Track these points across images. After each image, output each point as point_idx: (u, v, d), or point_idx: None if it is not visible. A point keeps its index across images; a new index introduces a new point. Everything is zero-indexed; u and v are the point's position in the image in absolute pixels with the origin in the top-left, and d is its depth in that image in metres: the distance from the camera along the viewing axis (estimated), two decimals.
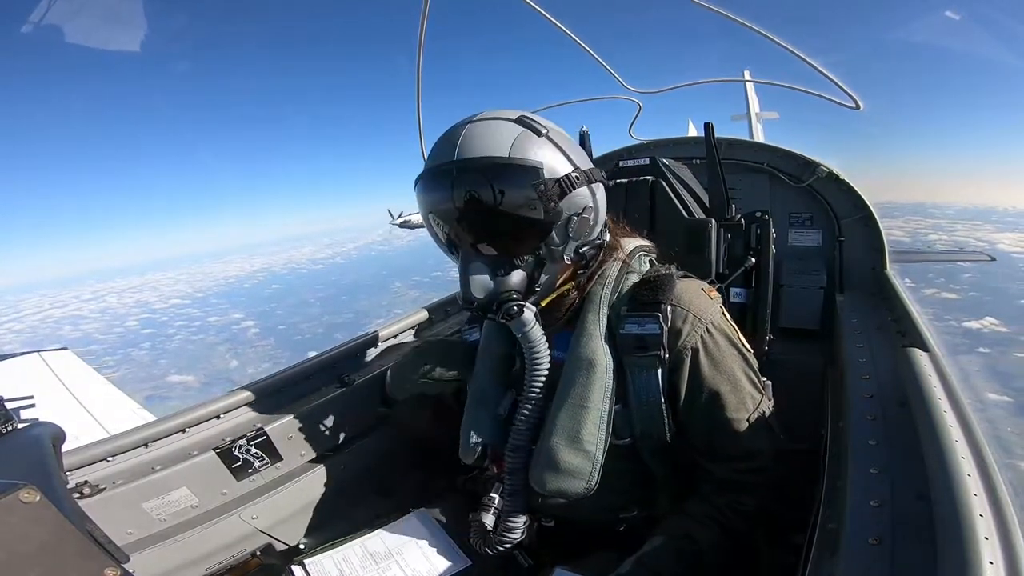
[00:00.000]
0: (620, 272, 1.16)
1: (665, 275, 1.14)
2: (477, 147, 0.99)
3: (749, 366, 1.15)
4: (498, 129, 1.01)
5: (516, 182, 0.98)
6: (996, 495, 0.70)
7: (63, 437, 1.05)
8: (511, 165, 0.98)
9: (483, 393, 1.25)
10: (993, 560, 0.59)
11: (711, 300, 1.15)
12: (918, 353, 1.12)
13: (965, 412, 0.90)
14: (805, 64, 1.63)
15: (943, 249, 33.91)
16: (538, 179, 0.98)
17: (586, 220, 1.06)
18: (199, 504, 1.33)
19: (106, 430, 3.76)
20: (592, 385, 1.08)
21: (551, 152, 1.02)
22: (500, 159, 0.98)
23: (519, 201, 0.98)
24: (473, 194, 0.98)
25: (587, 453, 1.08)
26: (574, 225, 1.04)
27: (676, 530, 1.09)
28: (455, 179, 0.99)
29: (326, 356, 1.67)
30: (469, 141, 1.00)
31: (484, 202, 0.98)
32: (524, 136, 1.01)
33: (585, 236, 1.08)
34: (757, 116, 20.23)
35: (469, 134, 1.01)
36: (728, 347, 1.12)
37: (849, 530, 0.77)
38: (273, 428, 1.43)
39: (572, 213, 1.04)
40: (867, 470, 0.88)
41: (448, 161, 1.00)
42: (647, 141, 2.43)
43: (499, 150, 0.98)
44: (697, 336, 1.09)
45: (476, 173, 0.98)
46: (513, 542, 1.16)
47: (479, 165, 0.98)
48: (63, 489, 0.87)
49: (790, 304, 1.91)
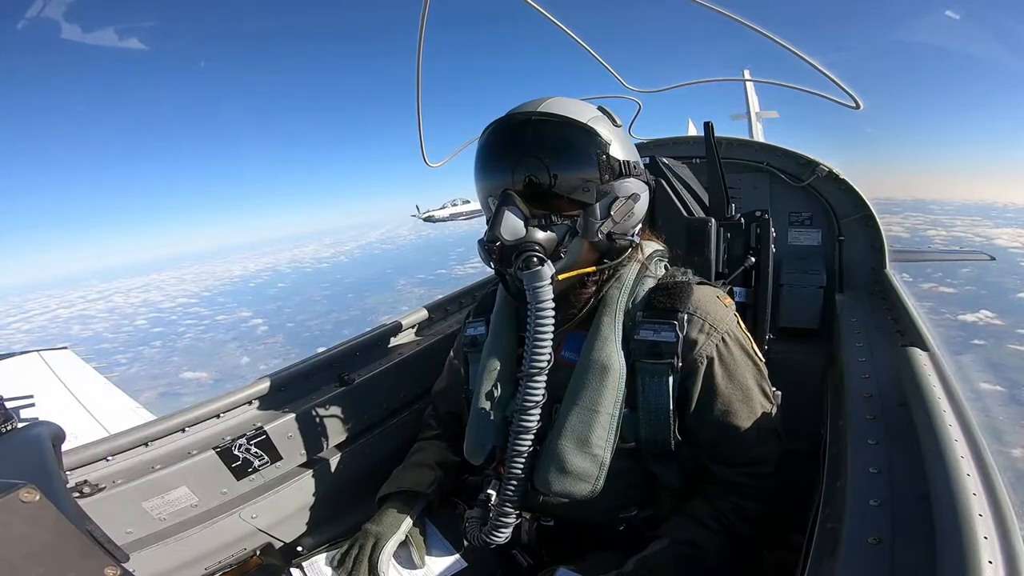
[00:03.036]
0: (638, 276, 1.16)
1: (682, 282, 1.14)
2: (561, 108, 1.07)
3: (762, 375, 1.15)
4: (582, 106, 1.11)
5: (585, 144, 1.05)
6: (995, 495, 0.70)
7: (63, 436, 1.05)
8: (586, 129, 1.05)
9: (490, 392, 1.22)
10: (992, 560, 0.59)
11: (727, 308, 1.15)
12: (917, 352, 1.12)
13: (964, 411, 0.90)
14: (805, 63, 1.63)
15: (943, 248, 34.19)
16: (603, 150, 1.05)
17: (629, 208, 1.10)
18: (199, 503, 1.33)
19: (106, 429, 3.76)
20: (604, 390, 1.08)
21: (621, 140, 1.11)
22: (578, 122, 1.05)
23: (581, 161, 1.04)
24: (543, 140, 1.04)
25: (595, 457, 1.08)
26: (617, 207, 1.08)
27: (680, 533, 1.09)
28: (534, 125, 1.05)
29: (326, 355, 1.67)
30: (554, 104, 1.08)
31: (549, 149, 1.03)
32: (602, 118, 1.10)
33: (623, 223, 1.10)
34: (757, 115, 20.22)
35: (554, 101, 1.09)
36: (742, 357, 1.13)
37: (849, 530, 0.77)
38: (273, 427, 1.43)
39: (619, 195, 1.09)
40: (867, 470, 0.88)
41: (532, 111, 1.07)
42: (647, 140, 2.43)
43: (580, 116, 1.07)
44: (712, 346, 1.09)
45: (554, 126, 1.05)
46: (500, 541, 1.14)
47: (560, 119, 1.05)
48: (63, 488, 0.87)
49: (790, 303, 1.91)
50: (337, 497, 1.55)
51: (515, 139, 1.06)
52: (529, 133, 1.04)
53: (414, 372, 1.77)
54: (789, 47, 1.58)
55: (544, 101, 1.08)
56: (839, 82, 1.67)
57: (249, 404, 1.48)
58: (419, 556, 1.20)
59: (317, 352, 1.70)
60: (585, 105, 1.12)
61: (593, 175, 1.04)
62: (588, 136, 1.04)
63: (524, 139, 1.04)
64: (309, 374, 1.61)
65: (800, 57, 1.60)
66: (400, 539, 1.19)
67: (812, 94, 1.85)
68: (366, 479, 1.58)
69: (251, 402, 1.48)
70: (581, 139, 1.04)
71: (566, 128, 1.04)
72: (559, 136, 1.04)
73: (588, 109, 1.11)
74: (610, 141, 1.07)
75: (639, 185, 1.13)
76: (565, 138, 1.04)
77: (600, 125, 1.08)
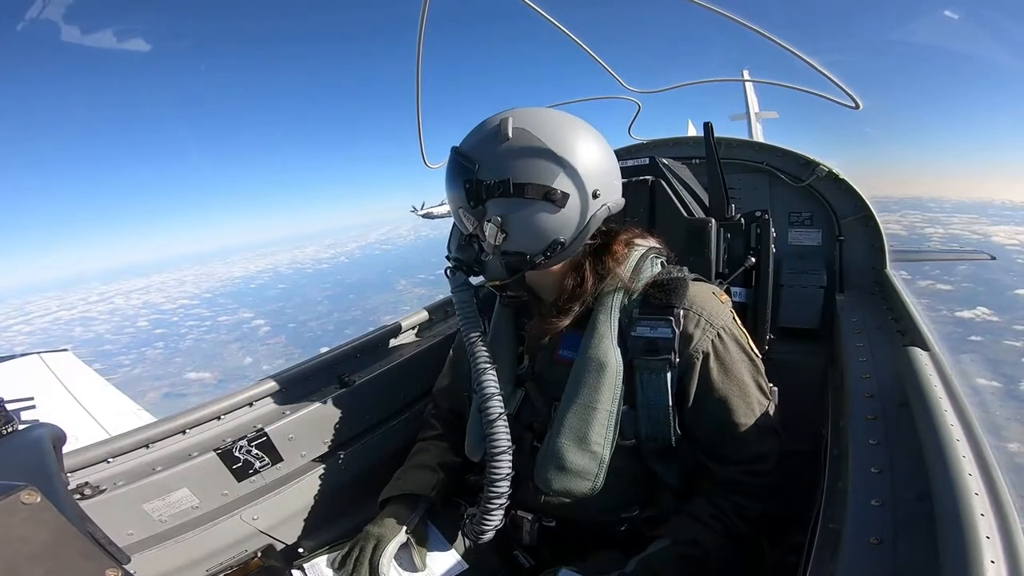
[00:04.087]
0: (632, 274, 1.16)
1: (678, 278, 1.14)
2: (474, 136, 1.11)
3: (758, 371, 1.16)
4: (497, 127, 1.08)
5: (458, 174, 1.09)
6: (997, 494, 0.70)
7: (64, 438, 1.05)
8: (461, 160, 1.08)
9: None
10: (995, 559, 0.59)
11: (723, 304, 1.15)
12: (918, 352, 1.12)
13: (966, 411, 0.90)
14: (804, 63, 1.62)
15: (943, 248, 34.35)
16: (470, 177, 1.06)
17: (498, 233, 1.06)
18: (200, 505, 1.33)
19: (106, 431, 3.76)
20: (602, 387, 1.09)
21: (496, 155, 1.05)
22: (460, 153, 1.10)
23: (456, 189, 1.10)
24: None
25: (594, 454, 1.09)
26: (488, 230, 1.07)
27: (681, 533, 1.09)
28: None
29: (326, 357, 1.67)
30: (478, 130, 1.11)
31: (454, 170, 1.11)
32: (488, 134, 1.07)
33: (515, 241, 1.07)
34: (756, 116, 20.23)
35: (482, 126, 1.11)
36: (738, 352, 1.13)
37: (850, 530, 0.77)
38: (273, 429, 1.43)
39: (489, 217, 1.06)
40: (868, 470, 0.88)
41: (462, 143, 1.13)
42: (647, 141, 2.43)
43: (475, 146, 1.09)
44: (708, 341, 1.10)
45: (451, 158, 1.12)
46: (486, 537, 1.13)
47: (453, 153, 1.12)
48: (64, 490, 0.87)
49: (790, 304, 1.91)
50: (338, 498, 1.55)
51: (446, 171, 1.14)
52: (448, 167, 1.12)
53: (414, 373, 1.77)
54: (788, 47, 1.58)
55: (486, 121, 1.10)
56: (838, 82, 1.67)
57: (250, 406, 1.48)
58: (420, 558, 1.19)
59: (317, 353, 1.70)
60: (495, 123, 1.07)
61: (463, 203, 1.08)
62: (461, 169, 1.08)
63: (447, 172, 1.13)
64: (309, 375, 1.61)
65: (799, 57, 1.60)
66: (401, 541, 1.19)
67: (811, 94, 1.84)
68: (367, 480, 1.58)
69: (251, 404, 1.48)
70: (457, 172, 1.09)
71: (453, 162, 1.10)
72: (450, 171, 1.11)
73: (492, 129, 1.07)
74: (476, 164, 1.05)
75: (510, 204, 1.04)
76: (452, 171, 1.10)
77: (490, 147, 1.05)
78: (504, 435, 1.09)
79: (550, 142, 1.04)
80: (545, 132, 1.05)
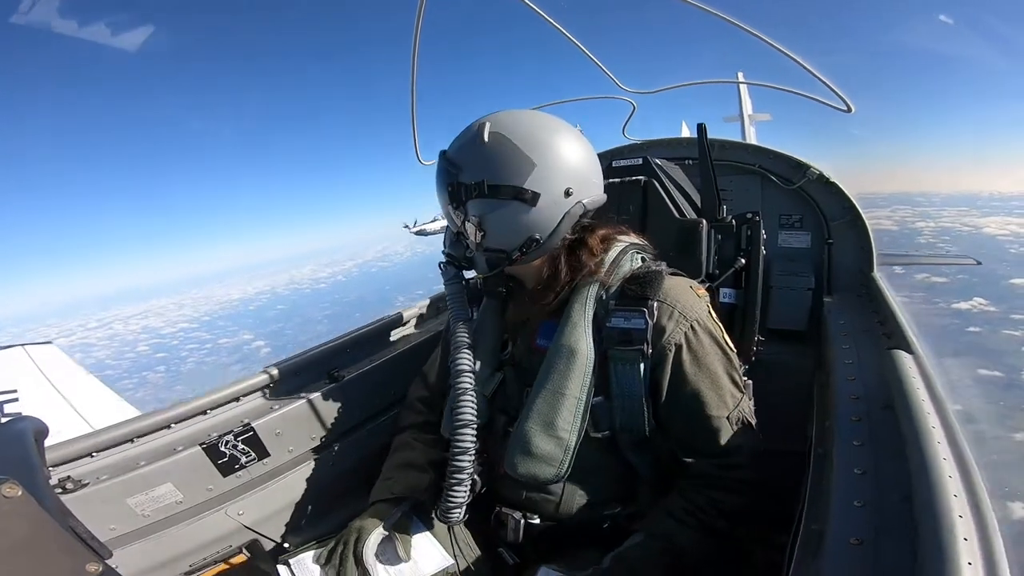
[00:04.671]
0: (610, 267, 1.17)
1: (654, 271, 1.16)
2: (458, 140, 1.16)
3: (732, 365, 1.17)
4: (477, 131, 1.12)
5: (443, 177, 1.14)
6: (976, 496, 0.71)
7: (46, 432, 1.04)
8: (447, 165, 1.14)
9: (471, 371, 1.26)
10: (972, 561, 0.60)
11: (699, 298, 1.17)
12: (903, 355, 1.14)
13: (948, 414, 0.91)
14: (798, 66, 1.64)
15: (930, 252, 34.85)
16: (453, 179, 1.12)
17: (477, 231, 1.12)
18: (184, 500, 1.32)
19: (90, 425, 3.71)
20: (571, 373, 1.11)
21: (475, 158, 1.11)
22: (447, 157, 1.15)
23: (442, 191, 1.15)
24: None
25: (560, 440, 1.11)
26: (468, 229, 1.13)
27: (656, 527, 1.11)
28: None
29: (315, 352, 1.66)
30: (464, 133, 1.16)
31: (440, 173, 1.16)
32: (469, 139, 1.12)
33: (493, 239, 1.13)
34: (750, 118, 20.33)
35: (468, 130, 1.16)
36: (712, 345, 1.14)
37: (832, 530, 0.78)
38: (260, 424, 1.42)
39: (469, 217, 1.12)
40: (851, 471, 0.89)
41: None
42: (640, 141, 2.44)
43: (459, 150, 1.14)
44: (681, 333, 1.11)
45: (440, 158, 1.17)
46: (454, 520, 1.18)
47: (440, 157, 1.17)
48: (45, 484, 0.86)
49: (779, 305, 1.93)
50: (325, 494, 1.54)
51: (436, 173, 1.19)
52: (437, 170, 1.18)
53: (404, 369, 1.76)
54: (782, 49, 1.60)
55: (470, 126, 1.15)
56: (832, 86, 1.68)
57: (237, 400, 1.47)
58: (404, 551, 1.19)
59: (306, 348, 1.69)
60: (475, 128, 1.13)
61: (448, 202, 1.14)
62: (446, 172, 1.13)
63: (436, 174, 1.18)
64: (298, 370, 1.60)
65: (794, 60, 1.61)
66: (384, 532, 1.19)
67: (805, 97, 1.86)
68: (354, 476, 1.58)
69: (239, 398, 1.47)
70: (443, 175, 1.14)
71: (439, 165, 1.16)
72: (438, 173, 1.17)
73: (472, 134, 1.12)
74: (460, 167, 1.11)
75: (487, 204, 1.10)
76: (439, 174, 1.16)
77: (470, 150, 1.11)
78: (469, 409, 1.15)
79: (522, 144, 1.09)
80: (518, 135, 1.09)
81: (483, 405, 1.22)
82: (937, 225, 69.15)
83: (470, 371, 1.17)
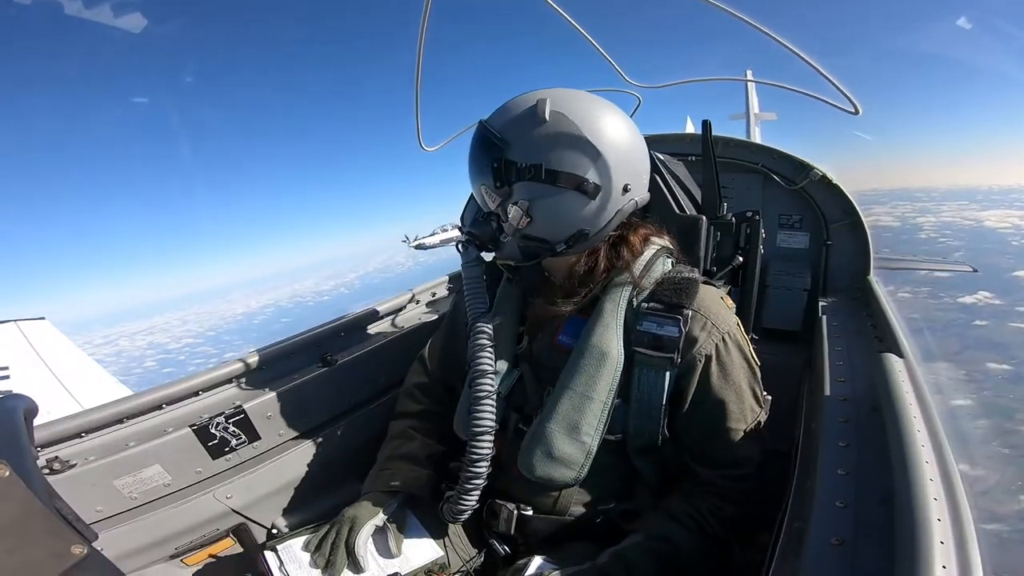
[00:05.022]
0: (644, 269, 1.15)
1: (690, 279, 1.13)
2: (504, 114, 1.09)
3: (756, 380, 1.16)
4: (525, 104, 1.07)
5: (485, 155, 1.07)
6: (955, 500, 0.72)
7: (36, 411, 1.03)
8: (491, 141, 1.07)
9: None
10: (946, 564, 0.60)
11: (728, 310, 1.15)
12: (893, 359, 1.14)
13: (933, 418, 0.92)
14: (806, 66, 1.62)
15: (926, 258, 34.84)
16: (500, 156, 1.05)
17: (523, 217, 1.07)
18: (172, 482, 1.32)
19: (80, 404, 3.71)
20: (600, 377, 1.08)
21: (531, 138, 1.04)
22: (491, 134, 1.07)
23: (482, 171, 1.09)
24: (473, 150, 1.13)
25: (583, 444, 1.09)
26: (512, 213, 1.07)
27: (656, 529, 1.11)
28: (477, 135, 1.12)
29: (309, 335, 1.65)
30: (510, 107, 1.10)
31: (472, 159, 1.12)
32: (523, 114, 1.05)
33: (538, 226, 1.08)
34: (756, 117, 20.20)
35: (515, 103, 1.09)
36: (739, 359, 1.13)
37: (813, 530, 0.78)
38: (252, 406, 1.42)
39: (516, 200, 1.07)
40: (835, 471, 0.90)
41: (488, 119, 1.12)
42: (645, 136, 2.41)
43: (505, 127, 1.07)
44: (712, 344, 1.09)
45: (478, 136, 1.11)
46: (462, 519, 1.16)
47: (480, 130, 1.10)
48: (33, 465, 0.86)
49: (774, 305, 1.93)
50: (315, 479, 1.54)
51: (471, 144, 1.14)
52: (475, 142, 1.12)
53: (399, 355, 1.76)
54: (791, 47, 1.58)
55: (519, 99, 1.09)
56: (840, 87, 1.66)
57: (229, 383, 1.47)
58: (396, 543, 1.20)
59: (300, 332, 1.68)
60: (531, 102, 1.05)
61: (488, 182, 1.09)
62: (490, 147, 1.07)
63: (473, 146, 1.12)
64: (291, 353, 1.59)
65: (802, 59, 1.59)
66: (378, 524, 1.19)
67: (813, 98, 1.84)
68: (346, 462, 1.58)
69: (231, 380, 1.47)
70: (485, 149, 1.08)
71: (481, 138, 1.09)
72: (476, 146, 1.11)
73: (527, 110, 1.05)
74: (508, 143, 1.04)
75: (540, 190, 1.05)
76: (479, 147, 1.10)
77: (524, 128, 1.04)
78: (489, 415, 1.10)
79: (587, 131, 1.03)
80: (583, 119, 1.03)
81: (500, 405, 1.18)
82: (938, 220, 68.71)
83: (492, 373, 1.11)
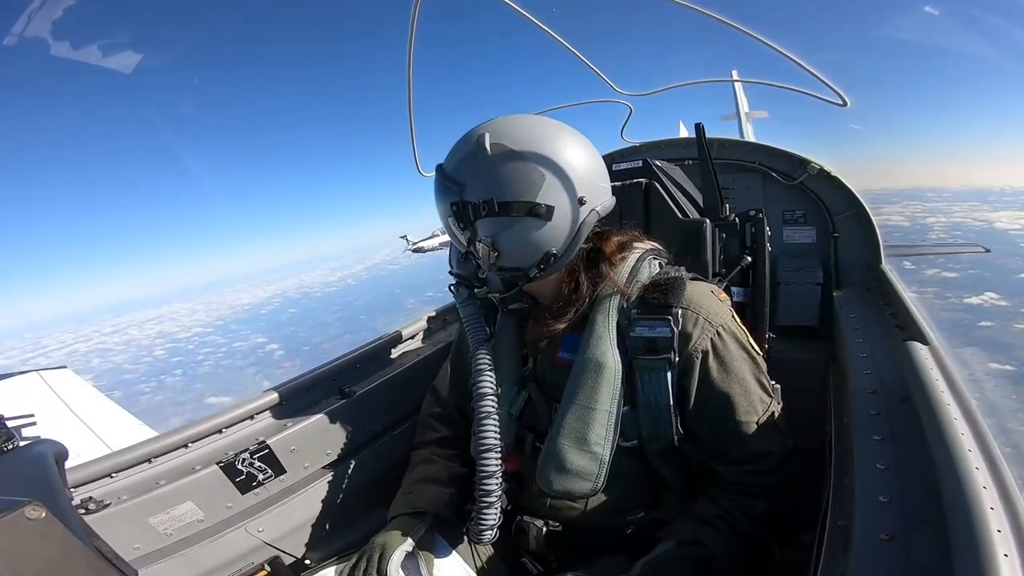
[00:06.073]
0: (630, 275, 1.16)
1: (675, 277, 1.14)
2: (455, 153, 1.10)
3: (759, 369, 1.15)
4: (473, 140, 1.07)
5: (444, 196, 1.08)
6: (1005, 487, 0.70)
7: (66, 454, 1.05)
8: (447, 183, 1.07)
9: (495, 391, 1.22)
10: (1008, 552, 0.59)
11: (721, 303, 1.15)
12: (917, 347, 1.12)
13: (969, 404, 0.90)
14: (792, 63, 1.64)
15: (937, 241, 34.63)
16: (457, 198, 1.05)
17: (491, 252, 1.07)
18: (205, 518, 1.32)
19: (108, 446, 3.74)
20: (600, 387, 1.09)
21: (479, 174, 1.04)
22: (444, 174, 1.08)
23: (443, 211, 1.10)
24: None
25: (594, 455, 1.09)
26: (480, 250, 1.08)
27: (686, 534, 1.09)
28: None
29: (326, 368, 1.67)
30: (460, 146, 1.09)
31: (440, 192, 1.11)
32: (469, 153, 1.05)
33: (508, 257, 1.08)
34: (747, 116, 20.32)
35: (464, 142, 1.09)
36: (738, 350, 1.13)
37: (860, 526, 0.77)
38: (275, 441, 1.43)
39: (480, 237, 1.06)
40: (874, 466, 0.88)
41: (448, 161, 1.11)
42: (639, 143, 2.45)
43: (459, 165, 1.07)
44: (707, 339, 1.09)
45: (439, 175, 1.11)
46: (486, 539, 1.14)
47: (437, 172, 1.11)
48: (68, 505, 0.87)
49: (788, 302, 1.92)
50: (342, 509, 1.54)
51: (433, 191, 1.13)
52: (435, 188, 1.12)
53: (415, 382, 1.76)
54: (773, 45, 1.60)
55: (465, 136, 1.08)
56: (826, 80, 1.68)
57: (251, 419, 1.48)
58: (427, 567, 1.18)
59: (317, 365, 1.69)
60: (474, 139, 1.05)
61: (455, 223, 1.09)
62: (447, 191, 1.07)
63: (434, 192, 1.13)
64: (310, 387, 1.60)
65: (786, 56, 1.61)
66: (407, 549, 1.18)
67: (800, 93, 1.86)
68: (370, 490, 1.57)
69: (252, 416, 1.48)
70: (444, 195, 1.08)
71: (438, 184, 1.09)
72: (436, 192, 1.11)
73: (471, 148, 1.05)
74: (464, 184, 1.05)
75: (498, 223, 1.04)
76: (438, 193, 1.10)
77: (471, 166, 1.04)
78: (492, 433, 1.12)
79: (529, 155, 1.02)
80: (523, 144, 1.02)
81: (510, 425, 1.20)
82: (949, 220, 68.50)
83: (492, 394, 1.14)
